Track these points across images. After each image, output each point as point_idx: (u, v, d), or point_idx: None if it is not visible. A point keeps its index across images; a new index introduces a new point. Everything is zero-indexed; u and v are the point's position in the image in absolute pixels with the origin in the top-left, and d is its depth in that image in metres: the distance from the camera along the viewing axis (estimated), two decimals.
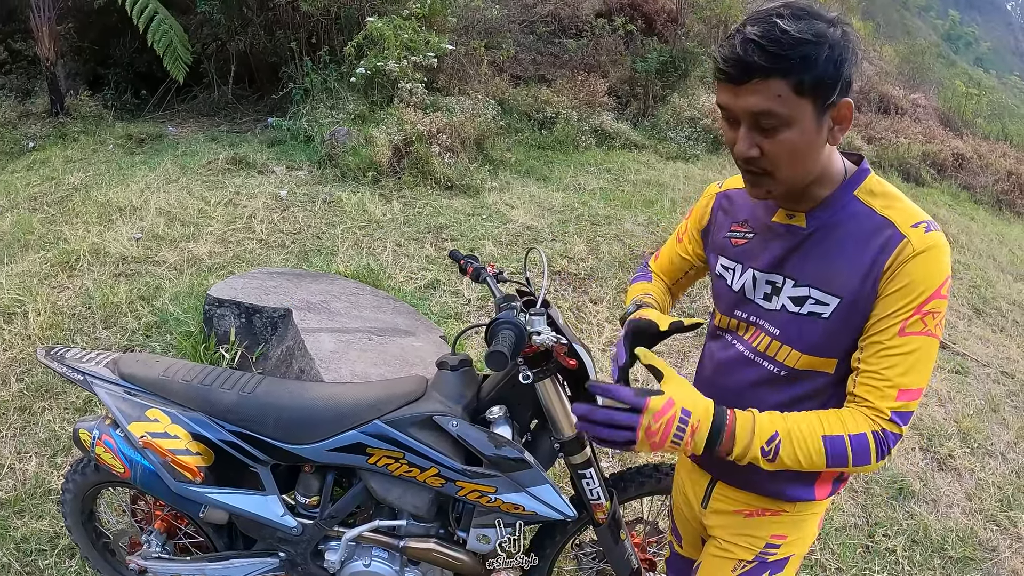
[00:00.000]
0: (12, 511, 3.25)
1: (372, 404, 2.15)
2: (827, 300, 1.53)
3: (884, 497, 3.93)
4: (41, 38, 9.32)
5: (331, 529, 2.32)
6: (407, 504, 2.21)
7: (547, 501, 2.16)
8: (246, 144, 8.68)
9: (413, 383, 2.24)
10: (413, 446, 2.10)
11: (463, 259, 2.60)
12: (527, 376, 2.03)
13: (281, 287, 4.15)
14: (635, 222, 7.28)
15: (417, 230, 6.40)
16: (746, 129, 1.41)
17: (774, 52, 1.31)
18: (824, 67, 1.33)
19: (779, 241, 1.63)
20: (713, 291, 1.85)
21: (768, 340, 1.65)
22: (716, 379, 1.80)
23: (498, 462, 2.07)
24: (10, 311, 4.68)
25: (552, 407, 2.12)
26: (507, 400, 2.17)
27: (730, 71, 1.36)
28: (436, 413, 2.11)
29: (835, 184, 1.55)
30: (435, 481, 2.13)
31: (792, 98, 1.34)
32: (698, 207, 1.95)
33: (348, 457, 2.15)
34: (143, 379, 2.31)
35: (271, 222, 6.35)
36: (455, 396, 2.17)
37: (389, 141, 7.74)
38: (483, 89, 10.51)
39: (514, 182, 8.26)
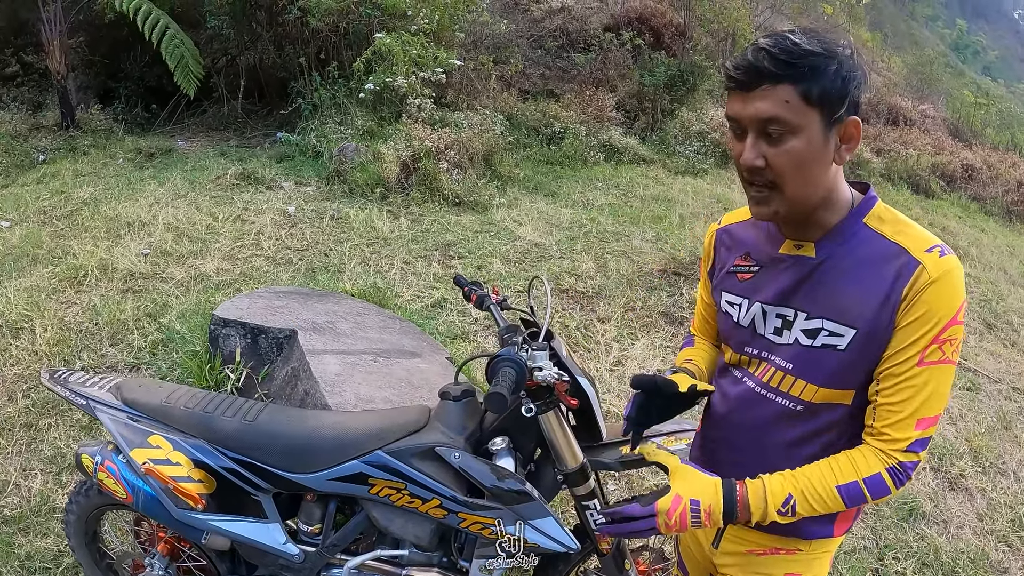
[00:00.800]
0: (17, 528, 3.25)
1: (374, 434, 2.15)
2: (842, 331, 1.50)
3: (894, 519, 3.90)
4: (52, 51, 9.38)
5: (333, 557, 2.31)
6: (409, 534, 2.20)
7: (550, 534, 2.14)
8: (255, 159, 8.70)
9: (415, 413, 2.24)
10: (415, 477, 2.09)
11: (467, 286, 2.59)
12: (530, 409, 2.02)
13: (287, 307, 4.15)
14: (643, 238, 7.26)
15: (425, 247, 6.40)
16: (753, 138, 1.41)
17: (784, 60, 1.34)
18: (832, 80, 1.35)
19: (787, 273, 1.60)
20: (720, 329, 1.82)
21: (781, 375, 1.61)
22: (732, 416, 1.76)
23: (500, 494, 2.06)
24: (17, 326, 4.69)
25: (555, 439, 2.11)
26: (510, 431, 2.16)
27: (740, 78, 1.39)
28: (438, 444, 2.10)
29: (843, 212, 1.53)
30: (437, 512, 2.12)
31: (800, 106, 1.36)
32: (703, 250, 1.92)
33: (350, 487, 2.15)
34: (145, 405, 2.32)
35: (279, 239, 6.36)
36: (457, 427, 2.16)
37: (397, 157, 7.75)
38: (491, 104, 10.53)
39: (522, 198, 8.26)
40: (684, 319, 5.60)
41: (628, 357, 5.03)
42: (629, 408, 1.70)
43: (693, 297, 5.91)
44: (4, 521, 3.29)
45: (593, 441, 2.23)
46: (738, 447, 1.74)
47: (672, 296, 5.96)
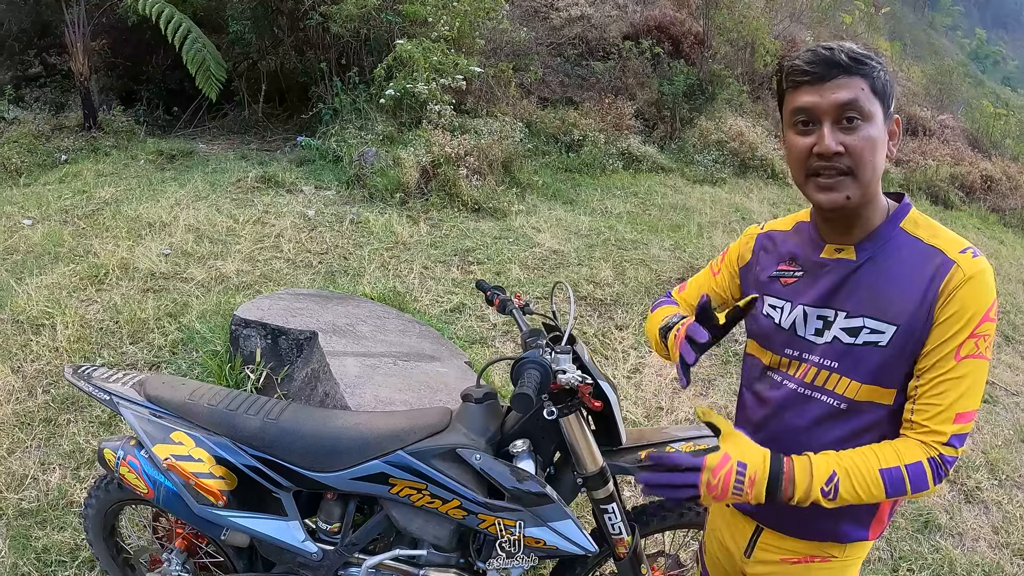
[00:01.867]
0: (34, 521, 3.28)
1: (396, 434, 2.16)
2: (883, 328, 1.56)
3: (909, 531, 3.87)
4: (75, 53, 9.46)
5: (351, 556, 2.32)
6: (428, 535, 2.20)
7: (568, 536, 2.14)
8: (275, 163, 8.75)
9: (437, 414, 2.25)
10: (436, 477, 2.09)
11: (490, 290, 2.60)
12: (552, 412, 2.03)
13: (307, 309, 4.17)
14: (661, 247, 7.27)
15: (444, 253, 6.42)
16: (829, 127, 1.49)
17: (854, 56, 1.47)
18: (885, 79, 1.50)
19: (829, 276, 1.65)
20: (758, 332, 1.84)
21: (826, 374, 1.65)
22: (773, 421, 1.77)
23: (520, 496, 2.06)
24: (39, 323, 4.74)
25: (576, 443, 2.11)
26: (531, 434, 2.16)
27: (815, 70, 1.48)
28: (459, 446, 2.10)
29: (882, 216, 1.62)
30: (457, 513, 2.13)
31: (870, 96, 1.48)
32: (737, 245, 1.96)
33: (370, 486, 2.15)
34: (169, 402, 2.33)
35: (299, 241, 6.39)
36: (479, 429, 2.16)
37: (417, 163, 7.78)
38: (511, 111, 10.55)
39: (541, 205, 8.28)
40: None
41: (645, 364, 5.03)
42: (691, 356, 1.65)
43: None
44: (22, 514, 3.32)
45: (612, 445, 2.24)
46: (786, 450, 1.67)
47: None
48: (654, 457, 1.59)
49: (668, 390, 4.71)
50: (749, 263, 1.90)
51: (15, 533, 3.20)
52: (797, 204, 10.29)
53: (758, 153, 11.61)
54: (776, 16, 14.74)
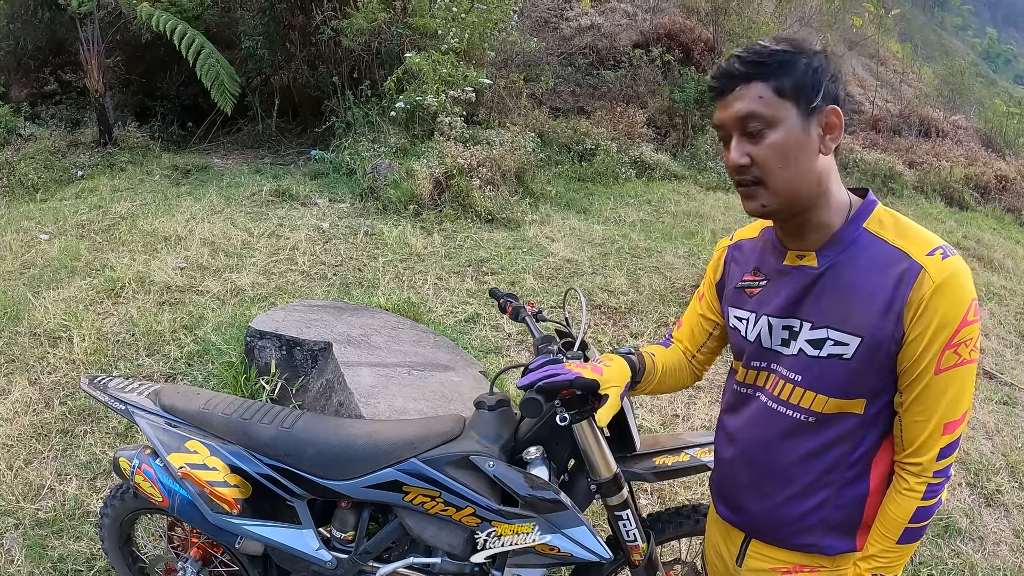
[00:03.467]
0: (51, 531, 3.30)
1: (409, 442, 2.16)
2: (847, 340, 1.51)
3: (929, 535, 3.81)
4: (90, 70, 9.56)
5: (366, 564, 2.31)
6: (442, 542, 2.20)
7: (583, 543, 2.13)
8: (289, 176, 8.79)
9: (451, 422, 2.25)
10: (449, 485, 2.09)
11: (503, 297, 2.60)
12: (564, 418, 2.01)
13: (322, 320, 4.18)
14: (676, 254, 7.24)
15: (458, 263, 6.43)
16: (736, 139, 1.48)
17: (752, 60, 1.43)
18: (803, 72, 1.42)
19: (791, 284, 1.60)
20: (731, 344, 1.84)
21: (790, 387, 1.62)
22: (745, 433, 1.76)
23: (534, 503, 2.06)
24: (55, 335, 4.78)
25: (589, 449, 2.11)
26: (544, 440, 2.15)
27: (717, 85, 1.49)
28: (473, 453, 2.10)
29: (842, 217, 1.55)
30: (471, 520, 2.12)
31: (774, 99, 1.42)
32: (712, 262, 1.93)
33: (384, 494, 2.16)
34: (183, 411, 2.35)
35: (313, 254, 6.42)
36: (492, 436, 2.16)
37: (430, 174, 7.80)
38: (522, 122, 10.56)
39: (554, 215, 8.28)
40: None
41: None
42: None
43: None
44: (38, 524, 3.34)
45: (626, 452, 2.24)
46: (756, 464, 1.73)
47: None
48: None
49: (683, 397, 4.69)
50: (722, 277, 1.87)
51: (32, 543, 3.22)
52: None
53: None
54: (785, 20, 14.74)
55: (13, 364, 4.55)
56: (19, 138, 10.03)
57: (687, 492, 3.85)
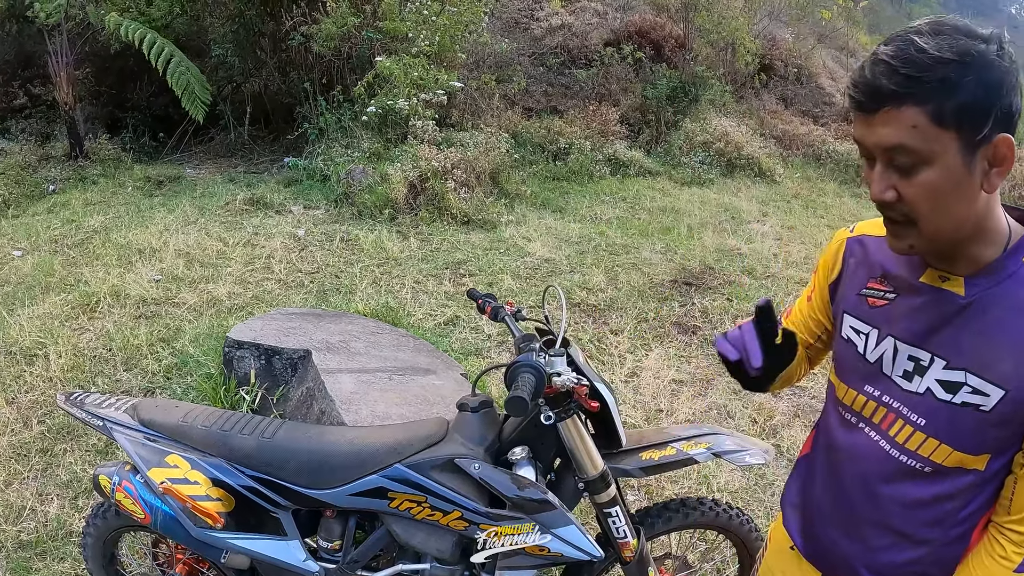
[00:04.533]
0: (34, 553, 3.25)
1: (393, 448, 2.14)
2: (988, 390, 1.25)
3: None
4: (59, 83, 9.47)
5: (354, 574, 2.30)
6: (431, 548, 2.19)
7: (573, 542, 2.13)
8: (263, 184, 8.74)
9: (434, 425, 2.23)
10: (435, 489, 2.08)
11: (481, 298, 2.59)
12: (549, 417, 2.01)
13: (300, 328, 4.16)
14: (653, 250, 7.26)
15: (435, 266, 6.41)
16: (881, 168, 1.20)
17: (907, 74, 1.10)
18: (972, 92, 1.09)
19: (928, 308, 1.34)
20: (837, 357, 1.56)
21: (910, 430, 1.37)
22: (842, 466, 1.52)
23: (522, 504, 2.05)
24: (31, 353, 4.73)
25: (575, 447, 2.10)
26: (529, 440, 2.15)
27: (860, 98, 1.17)
28: (457, 456, 2.09)
29: (999, 245, 1.26)
30: (458, 524, 2.11)
31: (931, 130, 1.11)
32: (826, 256, 1.61)
33: (370, 501, 2.14)
34: (162, 425, 2.31)
35: (289, 262, 6.38)
36: (476, 438, 2.15)
37: (404, 178, 7.77)
38: (495, 123, 10.54)
39: (530, 214, 8.27)
40: (697, 328, 5.58)
41: (642, 368, 5.01)
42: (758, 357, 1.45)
43: (705, 307, 5.90)
44: (21, 546, 3.29)
45: (612, 448, 2.23)
46: (853, 502, 1.50)
47: (684, 306, 5.94)
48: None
49: (667, 392, 4.70)
50: (839, 276, 1.56)
51: (15, 566, 3.17)
52: (786, 201, 10.28)
53: (744, 152, 11.53)
54: (755, 15, 14.76)
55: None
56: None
57: (674, 487, 3.84)
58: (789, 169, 11.96)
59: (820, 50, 17.58)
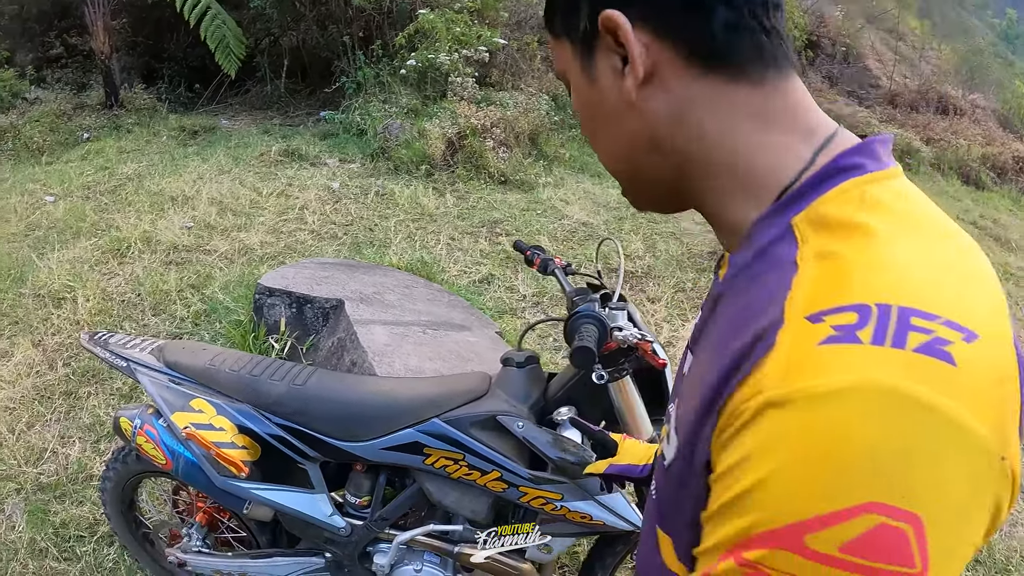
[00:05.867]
0: (53, 495, 3.19)
1: (431, 401, 2.00)
2: (672, 435, 0.80)
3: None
4: (96, 33, 9.38)
5: (381, 531, 2.16)
6: (464, 509, 2.05)
7: (616, 510, 1.99)
8: (299, 137, 8.62)
9: (475, 380, 2.08)
10: (474, 447, 1.94)
11: (529, 250, 2.42)
12: (601, 376, 1.87)
13: (333, 277, 4.03)
14: (692, 220, 7.06)
15: (471, 224, 6.27)
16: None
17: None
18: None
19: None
20: None
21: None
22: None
23: (566, 468, 1.90)
24: (59, 296, 4.66)
25: (626, 409, 1.96)
26: (576, 400, 2.00)
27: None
28: (500, 413, 1.94)
29: (762, 198, 0.74)
30: (496, 486, 1.97)
31: (555, 44, 0.88)
32: None
33: (404, 457, 2.00)
34: (189, 367, 2.19)
35: (323, 213, 6.26)
36: (521, 395, 2.00)
37: (443, 135, 7.61)
38: (535, 84, 10.34)
39: (568, 178, 8.10)
40: None
41: (679, 338, 4.85)
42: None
43: None
44: (40, 488, 3.23)
45: (659, 414, 2.08)
46: None
47: None
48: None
49: None
50: None
51: (33, 508, 3.10)
52: None
53: None
54: None
55: (16, 326, 4.43)
56: (24, 102, 9.89)
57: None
58: None
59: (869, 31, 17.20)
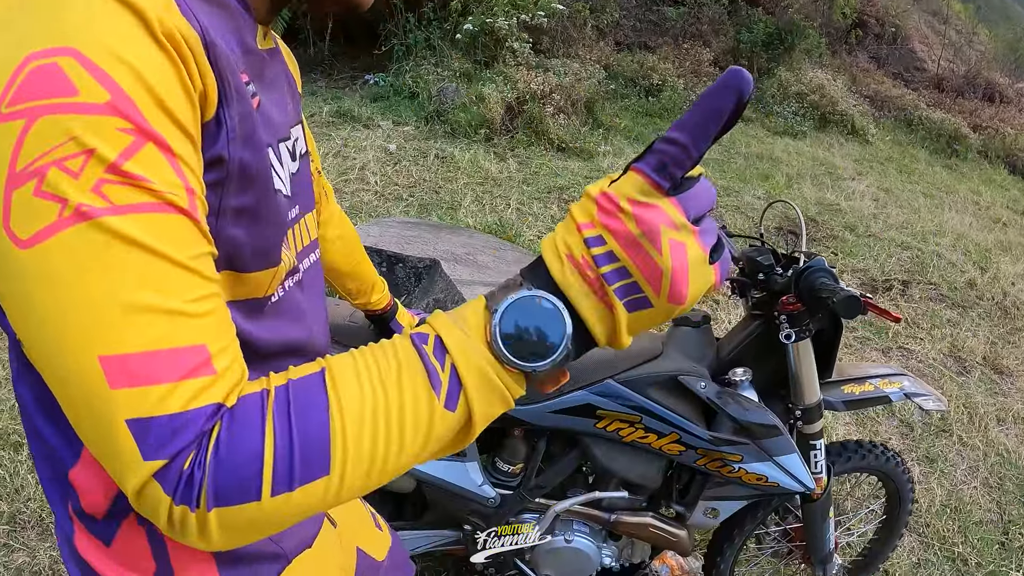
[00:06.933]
0: None
1: (605, 361, 1.85)
2: None
3: (1016, 495, 3.59)
4: None
5: (532, 501, 2.01)
6: (633, 474, 1.93)
7: (792, 471, 1.88)
8: (347, 99, 8.47)
9: (648, 339, 1.95)
10: (653, 409, 1.81)
11: None
12: (789, 335, 1.76)
13: (420, 237, 3.91)
14: (754, 195, 7.02)
15: (537, 190, 6.16)
16: None
17: None
18: None
19: (278, 82, 0.87)
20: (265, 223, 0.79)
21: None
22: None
23: (750, 428, 1.79)
24: None
25: (802, 371, 1.86)
26: (750, 361, 1.89)
27: None
28: (681, 373, 1.83)
29: None
30: (673, 448, 1.85)
31: None
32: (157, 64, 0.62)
33: (574, 420, 1.85)
34: None
35: (384, 175, 6.13)
36: (697, 355, 1.89)
37: (502, 99, 7.48)
38: (587, 54, 10.21)
39: (626, 147, 8.01)
40: None
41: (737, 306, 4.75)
42: None
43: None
44: None
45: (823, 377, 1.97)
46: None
47: None
48: None
49: None
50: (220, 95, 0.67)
51: None
52: (880, 163, 9.98)
53: (839, 108, 11.24)
54: None
55: None
56: None
57: (889, 422, 3.74)
58: (880, 131, 11.62)
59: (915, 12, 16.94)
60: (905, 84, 14.44)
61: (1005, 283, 6.12)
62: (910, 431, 3.90)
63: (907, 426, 3.94)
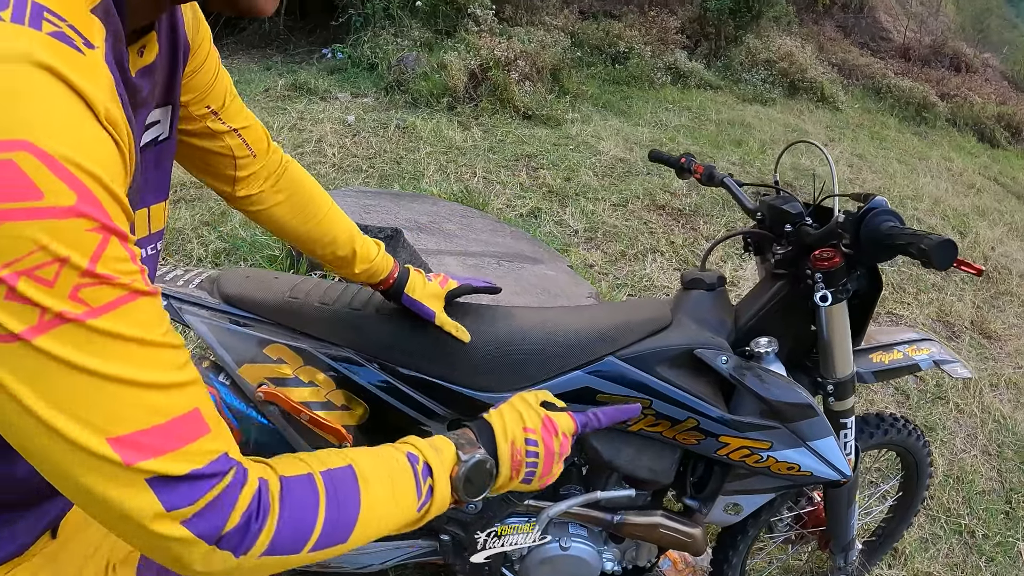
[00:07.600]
0: None
1: (603, 335, 1.52)
2: None
3: (1016, 462, 3.48)
4: None
5: (520, 504, 1.67)
6: (641, 469, 1.60)
7: (828, 458, 1.58)
8: (304, 72, 8.11)
9: (654, 307, 1.62)
10: (665, 390, 1.48)
11: (684, 157, 1.94)
12: (825, 297, 1.46)
13: (380, 206, 3.57)
14: (729, 160, 6.89)
15: (504, 158, 5.87)
16: None
17: None
18: None
19: (152, 86, 0.84)
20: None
21: None
22: None
23: (782, 410, 1.49)
24: None
25: (836, 339, 1.56)
26: (774, 329, 1.58)
27: None
28: (698, 345, 1.50)
29: None
30: (689, 437, 1.54)
31: None
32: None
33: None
34: (260, 303, 1.52)
35: (342, 147, 5.79)
36: (715, 324, 1.57)
37: (464, 67, 7.16)
38: (551, 21, 9.96)
39: (594, 115, 7.79)
40: None
41: (741, 279, 4.52)
42: None
43: None
44: None
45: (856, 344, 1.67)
46: None
47: None
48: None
49: None
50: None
51: None
52: (851, 130, 9.97)
53: (808, 75, 11.26)
54: None
55: None
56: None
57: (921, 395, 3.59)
58: (850, 99, 11.76)
59: None
60: (872, 53, 14.47)
61: (985, 247, 6.14)
62: (906, 399, 3.74)
63: (903, 394, 3.78)
